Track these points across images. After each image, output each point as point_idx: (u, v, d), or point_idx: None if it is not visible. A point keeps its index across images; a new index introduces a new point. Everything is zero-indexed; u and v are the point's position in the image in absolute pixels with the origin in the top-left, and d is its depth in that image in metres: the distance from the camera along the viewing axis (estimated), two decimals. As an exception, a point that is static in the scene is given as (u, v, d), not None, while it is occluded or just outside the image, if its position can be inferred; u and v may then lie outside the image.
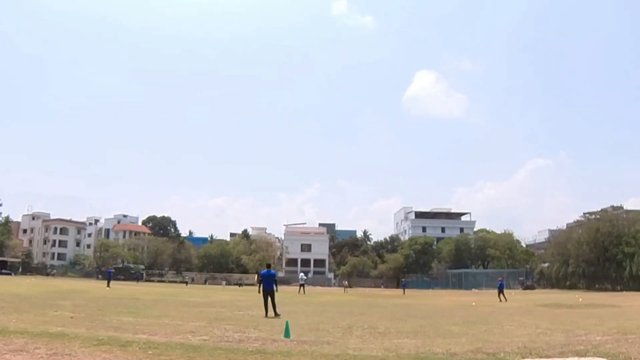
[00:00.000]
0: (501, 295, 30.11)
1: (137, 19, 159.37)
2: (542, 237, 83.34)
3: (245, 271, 78.43)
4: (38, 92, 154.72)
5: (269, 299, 14.54)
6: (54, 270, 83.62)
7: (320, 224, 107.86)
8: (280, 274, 75.94)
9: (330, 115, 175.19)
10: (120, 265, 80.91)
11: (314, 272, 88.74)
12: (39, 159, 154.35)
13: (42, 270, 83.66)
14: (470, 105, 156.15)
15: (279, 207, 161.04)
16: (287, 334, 9.41)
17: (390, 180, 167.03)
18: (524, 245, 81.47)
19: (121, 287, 38.47)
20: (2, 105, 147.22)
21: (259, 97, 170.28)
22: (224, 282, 66.29)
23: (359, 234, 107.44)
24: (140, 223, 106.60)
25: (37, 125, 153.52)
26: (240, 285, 66.88)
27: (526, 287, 59.89)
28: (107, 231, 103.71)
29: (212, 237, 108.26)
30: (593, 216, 62.51)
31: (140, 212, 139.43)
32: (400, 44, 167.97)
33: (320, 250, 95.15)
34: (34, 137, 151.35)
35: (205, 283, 72.01)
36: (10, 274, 68.54)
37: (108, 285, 36.70)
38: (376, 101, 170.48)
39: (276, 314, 14.22)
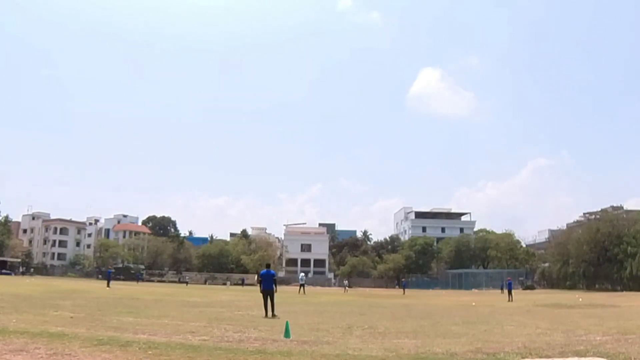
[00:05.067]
0: (510, 295, 31.46)
1: (136, 17, 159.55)
2: (543, 237, 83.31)
3: (245, 271, 78.38)
4: (39, 95, 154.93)
5: (269, 299, 14.58)
6: (32, 270, 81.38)
7: (320, 224, 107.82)
8: (280, 274, 75.96)
9: (333, 113, 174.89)
10: (120, 265, 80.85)
11: (314, 272, 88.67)
12: (39, 159, 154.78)
13: (18, 270, 77.77)
14: (472, 104, 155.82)
15: (279, 207, 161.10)
16: (287, 334, 9.42)
17: (391, 180, 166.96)
18: (524, 245, 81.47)
19: (121, 287, 38.48)
20: (3, 106, 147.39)
21: (259, 96, 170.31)
22: (228, 282, 66.30)
23: (359, 234, 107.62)
24: (140, 223, 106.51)
25: (37, 126, 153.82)
26: (242, 282, 67.16)
27: (526, 287, 59.91)
28: (107, 231, 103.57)
29: (212, 237, 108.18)
30: (593, 216, 62.61)
31: (140, 212, 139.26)
32: (405, 40, 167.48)
33: (320, 250, 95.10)
34: (34, 138, 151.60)
35: (205, 283, 72.06)
36: (10, 274, 68.48)
37: (108, 285, 36.75)
38: (379, 99, 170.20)
39: (273, 315, 14.23)
